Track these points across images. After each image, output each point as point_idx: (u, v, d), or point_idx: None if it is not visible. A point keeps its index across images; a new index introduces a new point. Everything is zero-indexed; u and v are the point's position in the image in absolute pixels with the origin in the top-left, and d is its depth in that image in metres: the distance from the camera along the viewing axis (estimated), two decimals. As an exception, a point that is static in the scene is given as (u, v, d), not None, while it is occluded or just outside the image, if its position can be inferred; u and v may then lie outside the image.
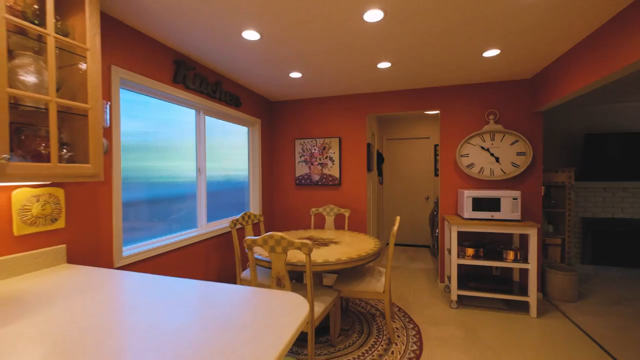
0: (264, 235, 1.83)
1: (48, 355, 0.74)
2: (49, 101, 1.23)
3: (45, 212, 1.46)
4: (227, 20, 1.90)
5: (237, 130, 3.40)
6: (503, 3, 1.71)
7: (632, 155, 4.10)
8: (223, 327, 0.88)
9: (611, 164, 4.17)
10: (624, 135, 4.12)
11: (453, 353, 2.21)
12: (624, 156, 4.13)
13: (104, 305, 1.04)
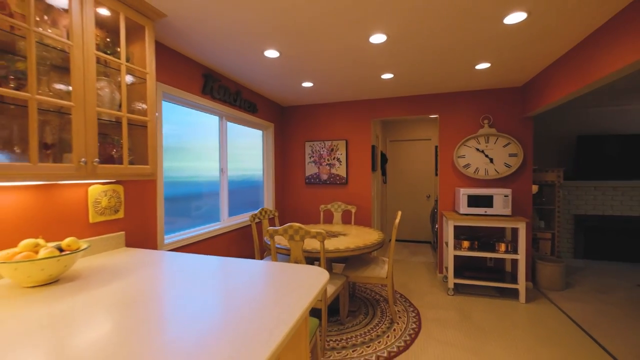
0: (284, 225, 2.16)
1: (133, 303, 1.07)
2: (122, 116, 1.56)
3: (110, 204, 1.80)
4: (252, 42, 2.22)
5: (250, 132, 3.73)
6: (489, 28, 2.02)
7: (622, 156, 4.37)
8: (269, 286, 1.20)
9: (602, 164, 4.44)
10: (615, 137, 4.39)
11: (448, 331, 2.52)
12: (614, 157, 4.40)
13: (166, 274, 1.36)
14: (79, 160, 1.34)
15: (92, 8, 1.41)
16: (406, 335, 2.45)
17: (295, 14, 1.83)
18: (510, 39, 2.20)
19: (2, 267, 1.13)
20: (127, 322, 0.91)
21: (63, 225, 1.58)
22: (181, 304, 1.04)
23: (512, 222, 3.06)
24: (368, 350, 2.23)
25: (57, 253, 1.22)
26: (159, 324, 0.90)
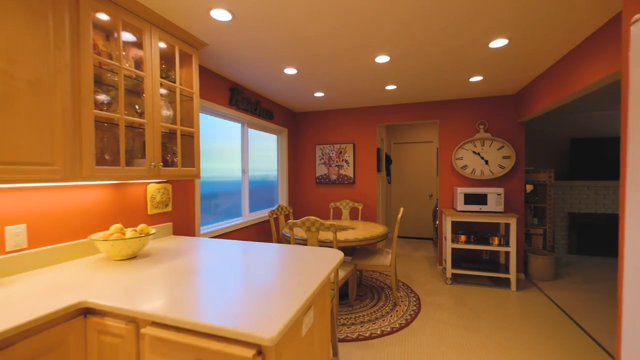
0: (302, 218, 2.53)
1: (197, 270, 1.45)
2: (176, 129, 1.95)
3: (162, 199, 2.20)
4: (274, 62, 2.60)
5: (264, 136, 4.12)
6: (477, 50, 2.36)
7: (614, 157, 4.66)
8: (297, 260, 1.58)
9: (595, 165, 4.74)
10: (607, 139, 4.68)
11: (444, 313, 2.87)
12: (606, 158, 4.70)
13: (213, 253, 1.75)
14: (150, 164, 1.74)
15: (157, 44, 1.80)
16: (407, 315, 2.81)
17: (313, 41, 2.21)
18: (497, 58, 2.54)
19: (102, 244, 1.53)
20: (199, 282, 1.29)
21: (130, 215, 1.98)
22: (235, 270, 1.42)
23: (504, 217, 3.40)
24: (374, 326, 2.60)
25: (139, 235, 1.62)
26: (224, 280, 1.28)
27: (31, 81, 1.22)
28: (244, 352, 0.89)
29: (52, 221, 1.56)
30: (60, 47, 1.32)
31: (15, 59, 1.17)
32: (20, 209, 1.43)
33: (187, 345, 0.96)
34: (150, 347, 1.01)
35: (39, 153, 1.24)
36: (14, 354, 0.94)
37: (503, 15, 1.84)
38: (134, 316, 1.05)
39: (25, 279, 1.32)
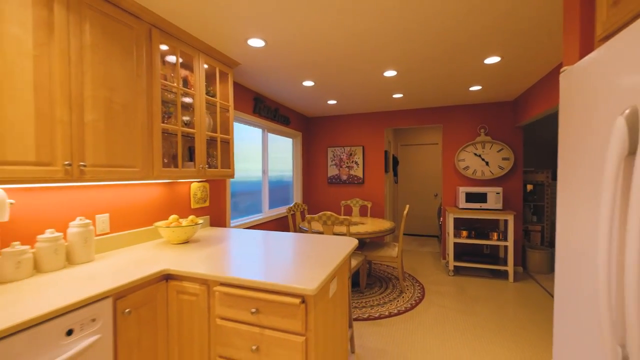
0: (319, 213, 2.89)
1: (237, 253, 1.82)
2: (217, 136, 2.33)
3: (202, 196, 2.58)
4: (294, 76, 2.97)
5: (279, 139, 4.49)
6: (474, 65, 2.69)
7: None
8: (318, 245, 1.93)
9: (592, 166, 4.98)
10: (602, 142, 4.92)
11: (445, 299, 3.20)
12: (602, 159, 4.93)
13: (248, 239, 2.11)
14: (199, 166, 2.12)
15: (203, 66, 2.18)
16: (412, 300, 3.15)
17: (331, 62, 2.56)
18: (493, 72, 2.87)
19: (164, 230, 1.91)
20: (246, 256, 1.66)
21: (178, 209, 2.36)
22: (272, 250, 1.78)
23: (503, 214, 3.70)
24: (382, 309, 2.94)
25: (192, 224, 2.00)
26: (266, 256, 1.65)
27: (123, 104, 1.60)
28: (292, 300, 1.25)
29: (126, 212, 1.95)
30: (140, 75, 1.70)
31: (113, 88, 1.56)
32: (104, 202, 1.82)
33: (248, 297, 1.33)
34: (220, 301, 1.38)
35: (127, 158, 1.63)
36: (127, 301, 1.32)
37: (494, 38, 2.17)
38: (205, 279, 1.42)
39: (112, 256, 1.71)
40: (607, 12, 0.93)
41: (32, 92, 1.24)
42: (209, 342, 1.44)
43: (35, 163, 1.25)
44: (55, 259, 1.45)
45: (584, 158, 0.90)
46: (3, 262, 1.30)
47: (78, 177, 1.39)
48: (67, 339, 1.09)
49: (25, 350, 0.97)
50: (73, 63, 1.38)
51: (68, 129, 1.36)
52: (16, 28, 1.19)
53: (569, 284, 0.99)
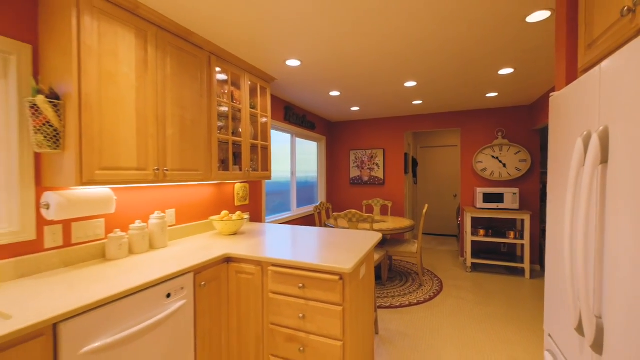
0: (345, 211, 3.20)
1: (281, 242, 2.16)
2: (258, 143, 2.69)
3: (243, 195, 2.95)
4: (322, 88, 3.30)
5: (304, 142, 4.83)
6: (489, 75, 2.92)
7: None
8: (347, 237, 2.24)
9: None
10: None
11: (462, 292, 3.42)
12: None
13: (286, 232, 2.45)
14: (245, 169, 2.49)
15: (247, 83, 2.55)
16: (431, 292, 3.40)
17: (357, 76, 2.87)
18: (507, 81, 3.08)
19: (218, 223, 2.29)
20: (289, 244, 2.00)
21: (224, 206, 2.75)
22: (308, 240, 2.11)
23: (519, 214, 3.87)
24: (403, 299, 3.21)
25: (240, 218, 2.37)
26: (305, 244, 1.98)
27: (192, 119, 1.99)
28: (332, 277, 1.57)
29: (187, 208, 2.34)
30: (202, 95, 2.08)
31: (185, 107, 1.94)
32: (172, 200, 2.22)
33: (296, 275, 1.66)
34: (272, 279, 1.72)
35: (193, 163, 2.00)
36: (202, 276, 1.68)
37: (506, 55, 2.40)
38: (260, 261, 1.77)
39: (179, 243, 2.10)
40: (585, 52, 1.19)
41: (135, 115, 1.62)
42: (262, 311, 1.78)
43: (136, 169, 1.64)
44: (142, 243, 1.85)
45: (563, 167, 1.16)
46: (110, 245, 1.70)
47: (162, 179, 1.78)
48: (167, 300, 1.46)
49: (144, 304, 1.34)
50: (159, 90, 1.77)
51: (156, 141, 1.74)
52: (126, 67, 1.58)
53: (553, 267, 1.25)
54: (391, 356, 2.25)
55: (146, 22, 1.69)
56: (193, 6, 1.70)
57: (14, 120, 1.42)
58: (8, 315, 1.04)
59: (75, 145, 1.38)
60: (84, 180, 1.40)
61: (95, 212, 1.59)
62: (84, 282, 1.35)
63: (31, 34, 1.47)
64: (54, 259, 1.53)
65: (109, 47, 1.51)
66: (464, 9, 1.75)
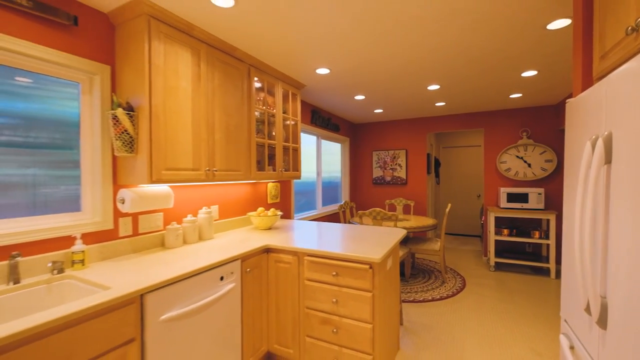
0: (369, 209, 3.36)
1: (313, 235, 2.35)
2: (289, 146, 2.91)
3: (275, 193, 3.19)
4: (347, 92, 3.47)
5: (328, 143, 5.02)
6: (512, 77, 2.99)
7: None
8: (374, 233, 2.41)
9: None
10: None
11: (485, 290, 3.49)
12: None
13: (314, 228, 2.65)
14: (279, 169, 2.71)
15: (281, 90, 2.77)
16: (454, 289, 3.49)
17: (382, 82, 3.03)
18: (531, 83, 3.13)
19: (256, 219, 2.52)
20: (321, 237, 2.19)
21: (259, 203, 2.99)
22: (338, 235, 2.30)
23: (544, 214, 3.88)
24: (426, 295, 3.33)
25: (275, 214, 2.59)
26: (336, 237, 2.16)
27: (235, 125, 2.23)
28: (363, 267, 1.75)
29: (228, 204, 2.59)
30: (243, 103, 2.32)
31: (229, 114, 2.18)
32: (215, 197, 2.48)
33: (329, 265, 1.85)
34: (308, 267, 1.93)
35: (236, 164, 2.25)
36: (247, 264, 1.91)
37: (528, 59, 2.48)
38: (296, 251, 1.98)
39: (223, 236, 2.34)
40: (599, 62, 1.30)
41: (190, 122, 1.88)
42: (298, 296, 1.99)
43: (192, 169, 1.89)
44: (193, 235, 2.10)
45: (575, 168, 1.28)
46: (168, 235, 1.96)
47: (212, 178, 2.03)
48: (220, 282, 1.69)
49: (204, 284, 1.58)
50: (209, 99, 2.01)
51: (206, 145, 1.99)
52: (184, 81, 1.83)
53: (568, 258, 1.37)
54: (415, 345, 2.39)
55: (199, 41, 1.95)
56: (238, 26, 1.94)
57: (98, 129, 1.70)
58: (107, 287, 1.30)
59: (146, 150, 1.64)
60: (153, 179, 1.66)
61: (158, 206, 1.85)
62: (153, 264, 1.60)
63: (109, 57, 1.75)
64: (126, 246, 1.81)
65: (172, 65, 1.76)
66: (485, 20, 1.87)
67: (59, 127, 1.60)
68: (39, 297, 1.36)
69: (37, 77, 1.52)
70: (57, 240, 1.52)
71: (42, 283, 1.38)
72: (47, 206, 1.56)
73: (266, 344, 2.08)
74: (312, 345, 1.92)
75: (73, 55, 1.59)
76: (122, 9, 1.66)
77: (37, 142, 1.53)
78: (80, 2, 1.62)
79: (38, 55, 1.46)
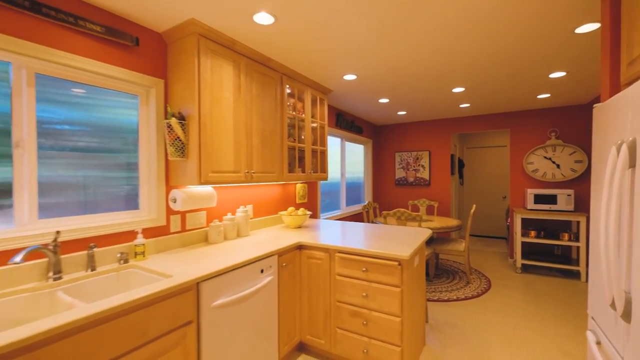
0: (394, 210, 3.45)
1: (342, 234, 2.48)
2: (317, 149, 3.06)
3: (303, 194, 3.34)
4: (372, 96, 3.58)
5: (351, 145, 5.12)
6: (540, 78, 2.98)
7: None
8: (401, 232, 2.51)
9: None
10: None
11: (511, 291, 3.48)
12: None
13: (342, 227, 2.77)
14: (308, 171, 2.86)
15: (309, 96, 2.92)
16: (478, 290, 3.51)
17: (407, 85, 3.12)
18: (559, 83, 3.11)
19: (287, 218, 2.68)
20: (350, 235, 2.31)
21: (288, 203, 3.15)
22: (365, 233, 2.41)
23: (574, 216, 3.81)
24: (451, 295, 3.38)
25: (304, 214, 2.74)
26: (363, 236, 2.28)
27: (270, 130, 2.40)
28: (392, 263, 1.86)
29: (261, 204, 2.77)
30: (276, 110, 2.49)
31: (265, 120, 2.35)
32: (249, 197, 2.66)
33: (359, 261, 1.97)
34: (338, 263, 2.06)
35: (270, 166, 2.41)
36: (283, 259, 2.07)
37: (556, 60, 2.50)
38: (327, 248, 2.11)
39: (257, 234, 2.52)
40: (626, 68, 1.35)
41: (232, 129, 2.06)
42: (329, 290, 2.12)
43: (233, 172, 2.07)
44: (232, 231, 2.29)
45: (602, 172, 1.34)
46: (211, 231, 2.15)
47: (250, 180, 2.20)
48: (260, 274, 1.86)
49: (247, 275, 1.75)
50: (247, 108, 2.19)
51: (245, 149, 2.17)
52: (227, 92, 2.02)
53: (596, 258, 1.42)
54: (441, 342, 2.47)
55: (240, 54, 2.13)
56: (274, 40, 2.10)
57: (153, 136, 1.91)
58: (169, 275, 1.49)
59: (196, 154, 1.83)
60: (202, 181, 1.85)
61: (203, 205, 2.04)
62: (201, 257, 1.79)
63: (162, 72, 1.96)
64: (176, 240, 2.01)
65: (217, 78, 1.95)
66: (511, 26, 1.93)
67: (121, 133, 1.83)
68: (110, 282, 1.57)
69: (101, 90, 1.75)
70: (122, 235, 1.74)
71: (112, 271, 1.60)
72: (113, 204, 1.78)
73: (299, 334, 2.23)
74: (342, 336, 2.05)
75: (134, 72, 1.80)
76: (175, 29, 1.87)
77: (104, 147, 1.75)
78: (140, 25, 1.83)
79: (107, 73, 1.68)
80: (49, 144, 1.53)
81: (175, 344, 1.35)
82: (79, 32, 1.58)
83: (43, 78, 1.50)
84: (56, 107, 1.55)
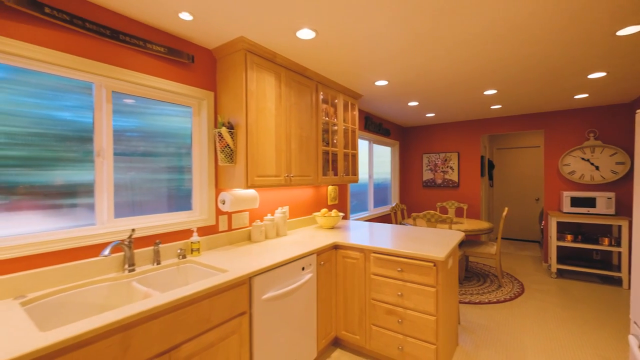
0: (424, 212, 3.49)
1: (375, 234, 2.56)
2: (349, 152, 3.16)
3: (334, 195, 3.46)
4: (401, 99, 3.63)
5: (378, 147, 5.17)
6: (578, 79, 2.92)
7: None
8: (434, 234, 2.56)
9: None
10: None
11: (546, 296, 3.42)
12: None
13: (373, 228, 2.85)
14: (340, 174, 2.98)
15: (342, 102, 3.04)
16: (511, 293, 3.47)
17: (438, 89, 3.15)
18: (599, 83, 3.02)
19: (321, 219, 2.81)
20: (383, 236, 2.40)
21: (320, 205, 3.28)
22: (397, 234, 2.49)
23: (615, 220, 3.66)
24: (482, 298, 3.37)
25: (337, 215, 2.86)
26: (397, 237, 2.36)
27: (306, 136, 2.54)
28: (427, 264, 1.93)
29: (296, 205, 2.92)
30: (312, 116, 2.62)
31: (302, 127, 2.49)
32: (286, 199, 2.81)
33: (394, 261, 2.06)
34: (374, 263, 2.15)
35: (307, 170, 2.55)
36: (321, 257, 2.19)
37: (595, 61, 2.45)
38: (362, 248, 2.22)
39: (294, 234, 2.66)
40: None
41: (274, 136, 2.22)
42: (365, 289, 2.22)
43: (274, 175, 2.22)
44: (272, 231, 2.45)
45: (647, 175, 1.35)
46: (254, 231, 2.32)
47: (289, 183, 2.35)
48: (301, 272, 1.99)
49: (290, 271, 1.89)
50: (287, 115, 2.34)
51: (285, 155, 2.32)
52: (269, 102, 2.18)
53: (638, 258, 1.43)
54: (474, 343, 2.50)
55: (280, 66, 2.28)
56: (312, 52, 2.23)
57: (205, 143, 2.10)
58: (225, 270, 1.65)
59: (243, 160, 2.00)
60: (249, 185, 2.01)
61: (248, 207, 2.21)
62: (247, 254, 1.95)
63: (212, 85, 2.15)
64: (224, 239, 2.19)
65: (261, 89, 2.11)
66: (548, 31, 1.95)
67: (177, 139, 2.03)
68: (172, 275, 1.77)
69: (157, 101, 1.96)
70: (180, 233, 1.94)
71: (173, 265, 1.79)
72: (170, 205, 1.98)
73: (335, 330, 2.35)
74: (377, 333, 2.15)
75: (190, 86, 2.00)
76: (225, 45, 2.05)
77: (164, 152, 1.95)
78: (195, 44, 2.03)
79: (167, 89, 1.88)
80: (120, 149, 1.74)
81: (232, 331, 1.51)
82: (146, 54, 1.78)
83: (114, 93, 1.72)
84: (120, 116, 1.77)
